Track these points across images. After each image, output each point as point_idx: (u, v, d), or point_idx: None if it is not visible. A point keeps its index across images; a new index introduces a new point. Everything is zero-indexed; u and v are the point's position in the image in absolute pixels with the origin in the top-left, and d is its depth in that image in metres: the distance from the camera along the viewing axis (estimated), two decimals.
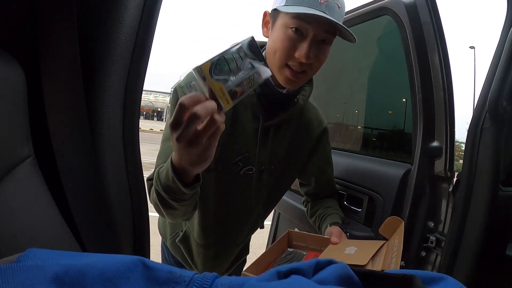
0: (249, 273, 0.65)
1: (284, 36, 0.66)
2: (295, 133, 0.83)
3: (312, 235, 0.82)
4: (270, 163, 0.81)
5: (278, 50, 0.67)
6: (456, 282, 0.22)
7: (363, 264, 0.66)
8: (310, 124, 0.85)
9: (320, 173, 0.93)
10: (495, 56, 0.84)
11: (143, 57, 0.43)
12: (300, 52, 0.65)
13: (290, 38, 0.65)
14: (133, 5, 0.40)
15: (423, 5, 0.94)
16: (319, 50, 0.67)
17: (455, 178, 0.95)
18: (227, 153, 0.76)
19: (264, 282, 0.21)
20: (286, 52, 0.66)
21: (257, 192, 0.83)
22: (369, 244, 0.76)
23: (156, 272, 0.21)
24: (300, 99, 0.78)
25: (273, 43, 0.68)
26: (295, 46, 0.66)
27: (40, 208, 0.34)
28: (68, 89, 0.38)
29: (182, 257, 0.93)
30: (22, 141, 0.33)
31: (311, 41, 0.65)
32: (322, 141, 0.88)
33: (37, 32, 0.35)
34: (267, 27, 0.72)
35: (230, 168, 0.78)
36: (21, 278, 0.18)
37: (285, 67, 0.68)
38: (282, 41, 0.66)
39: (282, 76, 0.70)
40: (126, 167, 0.44)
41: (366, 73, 1.38)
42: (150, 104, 45.94)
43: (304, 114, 0.84)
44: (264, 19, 0.72)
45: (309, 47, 0.65)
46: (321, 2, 0.62)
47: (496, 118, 0.84)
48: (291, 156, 0.84)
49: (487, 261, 0.88)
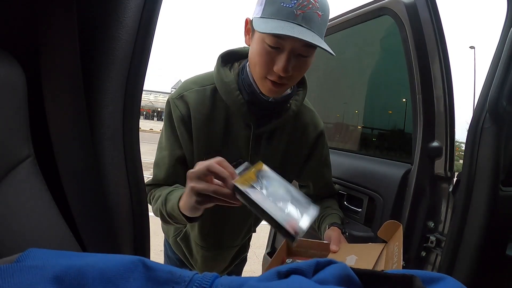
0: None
1: (262, 50, 0.64)
2: (290, 138, 0.82)
3: (311, 241, 0.81)
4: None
5: (257, 64, 0.66)
6: (456, 282, 0.22)
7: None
8: (306, 128, 0.84)
9: (318, 177, 0.92)
10: (495, 56, 0.84)
11: (143, 57, 0.43)
12: (278, 66, 0.63)
13: (267, 53, 0.64)
14: (133, 5, 0.39)
15: (423, 5, 0.94)
16: (298, 63, 0.65)
17: (455, 178, 0.95)
18: None
19: (264, 282, 0.21)
20: (265, 66, 0.65)
21: None
22: (369, 250, 0.75)
23: (156, 272, 0.21)
24: (293, 104, 0.77)
25: (253, 55, 0.67)
26: (273, 59, 0.64)
27: (40, 208, 0.34)
28: (68, 89, 0.38)
29: (183, 255, 0.95)
30: (22, 141, 0.33)
31: (288, 54, 0.63)
32: (319, 145, 0.87)
33: (37, 32, 0.35)
34: (249, 34, 0.70)
35: None
36: (21, 278, 0.18)
37: (266, 79, 0.67)
38: (260, 56, 0.65)
39: (264, 88, 0.69)
40: (126, 167, 0.44)
41: (366, 73, 1.38)
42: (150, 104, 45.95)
43: (298, 118, 0.82)
44: (246, 27, 0.70)
45: (287, 61, 0.63)
46: (298, 14, 0.59)
47: (496, 118, 0.84)
48: (287, 161, 0.83)
49: (487, 261, 0.88)
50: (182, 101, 0.74)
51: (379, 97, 1.34)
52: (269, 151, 0.79)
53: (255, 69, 0.68)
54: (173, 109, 0.74)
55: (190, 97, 0.74)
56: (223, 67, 0.75)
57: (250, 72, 0.72)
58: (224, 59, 0.76)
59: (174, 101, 0.75)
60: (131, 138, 0.44)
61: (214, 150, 0.75)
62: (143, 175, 0.48)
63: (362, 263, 0.70)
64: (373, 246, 0.76)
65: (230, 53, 0.77)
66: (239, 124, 0.76)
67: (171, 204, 0.66)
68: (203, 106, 0.74)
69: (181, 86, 0.77)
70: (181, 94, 0.75)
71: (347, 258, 0.73)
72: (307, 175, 0.90)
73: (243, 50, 0.78)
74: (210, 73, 0.77)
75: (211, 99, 0.74)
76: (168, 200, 0.68)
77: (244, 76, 0.73)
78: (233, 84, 0.73)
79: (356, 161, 1.23)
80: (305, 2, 0.59)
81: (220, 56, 0.76)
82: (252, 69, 0.69)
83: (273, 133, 0.79)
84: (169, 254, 1.01)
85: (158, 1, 0.42)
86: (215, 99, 0.75)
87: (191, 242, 0.90)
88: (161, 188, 0.76)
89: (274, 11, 0.60)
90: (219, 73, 0.74)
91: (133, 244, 0.46)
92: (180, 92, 0.75)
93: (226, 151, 0.76)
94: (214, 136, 0.75)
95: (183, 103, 0.74)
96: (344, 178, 1.17)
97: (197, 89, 0.75)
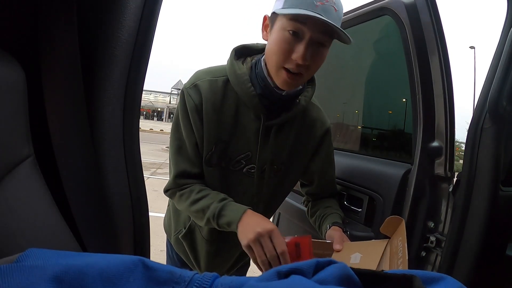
0: None
1: (282, 38, 0.67)
2: (298, 134, 0.84)
3: (313, 240, 0.81)
4: (273, 163, 0.82)
5: (275, 52, 0.69)
6: (455, 282, 0.22)
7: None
8: (313, 124, 0.86)
9: (322, 174, 0.93)
10: (495, 56, 0.84)
11: (143, 57, 0.43)
12: (297, 54, 0.66)
13: (287, 40, 0.67)
14: (133, 5, 0.39)
15: (423, 5, 0.94)
16: (316, 52, 0.68)
17: (455, 178, 0.95)
18: (230, 150, 0.79)
19: (264, 282, 0.21)
20: (283, 54, 0.68)
21: (259, 190, 0.84)
22: (373, 247, 0.75)
23: (156, 272, 0.21)
24: (302, 100, 0.79)
25: (271, 45, 0.70)
26: (292, 48, 0.67)
27: (40, 208, 0.34)
28: (68, 89, 0.38)
29: (185, 255, 0.95)
30: (22, 141, 0.33)
31: (307, 42, 0.66)
32: (325, 142, 0.89)
33: (37, 32, 0.35)
34: (266, 30, 0.74)
35: (234, 165, 0.81)
36: (21, 278, 0.18)
37: (282, 69, 0.70)
38: (280, 43, 0.68)
39: (279, 79, 0.71)
40: (126, 167, 0.44)
41: (366, 73, 1.38)
42: (150, 104, 45.95)
43: (307, 114, 0.85)
44: (264, 23, 0.74)
45: (305, 49, 0.66)
46: (317, 5, 0.64)
47: (496, 118, 0.84)
48: (294, 156, 0.85)
49: (487, 261, 0.88)
50: (195, 90, 0.76)
51: (379, 97, 1.34)
52: (277, 144, 0.81)
53: (272, 58, 0.70)
54: (186, 99, 0.77)
55: (202, 86, 0.76)
56: (237, 60, 0.78)
57: (265, 67, 0.74)
58: (237, 53, 0.79)
59: (187, 91, 0.77)
60: (131, 138, 0.44)
61: (222, 141, 0.78)
62: (143, 175, 0.48)
63: (367, 260, 0.70)
64: (377, 243, 0.76)
65: (244, 47, 0.80)
66: (249, 115, 0.78)
67: (227, 222, 0.73)
68: (215, 96, 0.76)
69: (194, 75, 0.80)
70: (194, 83, 0.77)
71: (352, 257, 0.73)
72: (312, 171, 0.92)
73: (256, 46, 0.82)
74: (223, 66, 0.80)
75: (222, 90, 0.77)
76: (222, 216, 0.74)
77: (258, 71, 0.76)
78: (245, 76, 0.75)
79: (356, 161, 1.23)
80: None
81: (234, 50, 0.79)
82: (269, 60, 0.72)
83: (282, 127, 0.81)
84: (171, 255, 1.02)
85: (158, 1, 0.42)
86: (226, 90, 0.77)
87: (196, 237, 0.91)
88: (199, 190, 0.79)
89: (295, 2, 0.65)
90: (232, 65, 0.77)
91: (133, 244, 0.46)
92: (193, 81, 0.78)
93: (235, 141, 0.79)
94: (223, 126, 0.78)
95: (196, 92, 0.76)
96: (344, 178, 1.17)
97: (210, 79, 0.77)
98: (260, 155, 0.80)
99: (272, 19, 0.71)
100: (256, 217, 0.72)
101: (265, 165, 0.81)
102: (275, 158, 0.82)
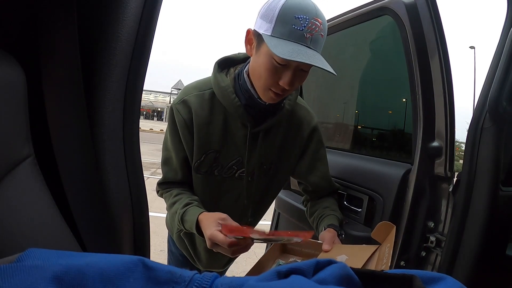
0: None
1: (269, 67, 0.69)
2: (286, 135, 0.87)
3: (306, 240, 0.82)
4: (262, 164, 0.86)
5: (262, 77, 0.71)
6: (456, 282, 0.22)
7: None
8: (300, 125, 0.89)
9: (313, 171, 0.94)
10: (495, 56, 0.84)
11: (143, 57, 0.43)
12: (284, 81, 0.69)
13: (274, 69, 0.69)
14: (133, 5, 0.39)
15: (423, 5, 0.94)
16: (301, 76, 0.72)
17: (455, 178, 0.95)
18: (221, 158, 0.84)
19: (263, 281, 0.21)
20: (271, 80, 0.70)
21: (249, 192, 0.88)
22: (361, 250, 0.75)
23: (156, 272, 0.21)
24: (286, 104, 0.83)
25: (258, 68, 0.71)
26: (279, 75, 0.69)
27: (40, 208, 0.34)
28: (68, 89, 0.38)
29: (186, 250, 1.00)
30: (22, 141, 0.33)
31: (294, 71, 0.69)
32: (313, 140, 0.91)
33: (37, 32, 0.35)
34: (250, 45, 0.74)
35: (226, 172, 0.86)
36: (21, 278, 0.18)
37: (269, 90, 0.73)
38: (267, 71, 0.69)
39: (266, 97, 0.75)
40: (126, 167, 0.44)
41: (366, 73, 1.38)
42: (150, 104, 45.94)
43: (293, 116, 0.88)
44: (248, 36, 0.74)
45: (292, 77, 0.69)
46: (307, 37, 0.65)
47: (496, 118, 0.84)
48: (283, 156, 0.89)
49: (487, 261, 0.88)
50: (184, 105, 0.80)
51: (379, 97, 1.34)
52: (265, 148, 0.85)
53: (260, 80, 0.73)
54: (175, 115, 0.81)
55: (191, 101, 0.80)
56: (220, 72, 0.81)
57: (248, 79, 0.77)
58: (220, 65, 0.83)
59: (176, 107, 0.81)
60: (131, 138, 0.44)
61: (213, 150, 0.83)
62: (143, 175, 0.48)
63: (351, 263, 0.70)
64: (365, 248, 0.76)
65: (226, 59, 0.84)
66: (236, 124, 0.82)
67: (189, 227, 0.78)
68: (202, 109, 0.80)
69: (182, 91, 0.84)
70: (182, 99, 0.81)
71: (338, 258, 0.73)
72: (301, 169, 0.94)
73: (237, 56, 0.85)
74: (208, 78, 0.84)
75: (209, 102, 0.81)
76: (185, 221, 0.79)
77: (242, 82, 0.78)
78: (229, 88, 0.78)
79: (356, 161, 1.23)
80: (313, 26, 0.65)
81: (217, 63, 0.83)
82: (256, 80, 0.74)
83: (269, 131, 0.84)
84: (173, 250, 1.06)
85: (159, 0, 0.42)
86: (213, 102, 0.81)
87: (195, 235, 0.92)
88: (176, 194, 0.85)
89: (285, 33, 0.65)
90: (216, 78, 0.80)
91: (133, 244, 0.46)
92: (181, 97, 0.82)
93: (225, 150, 0.83)
94: (213, 137, 0.82)
95: (185, 107, 0.80)
96: (344, 178, 1.17)
97: (197, 93, 0.81)
98: (249, 159, 0.83)
99: (258, 39, 0.70)
100: (204, 223, 0.74)
101: (253, 168, 0.85)
102: (264, 160, 0.86)
